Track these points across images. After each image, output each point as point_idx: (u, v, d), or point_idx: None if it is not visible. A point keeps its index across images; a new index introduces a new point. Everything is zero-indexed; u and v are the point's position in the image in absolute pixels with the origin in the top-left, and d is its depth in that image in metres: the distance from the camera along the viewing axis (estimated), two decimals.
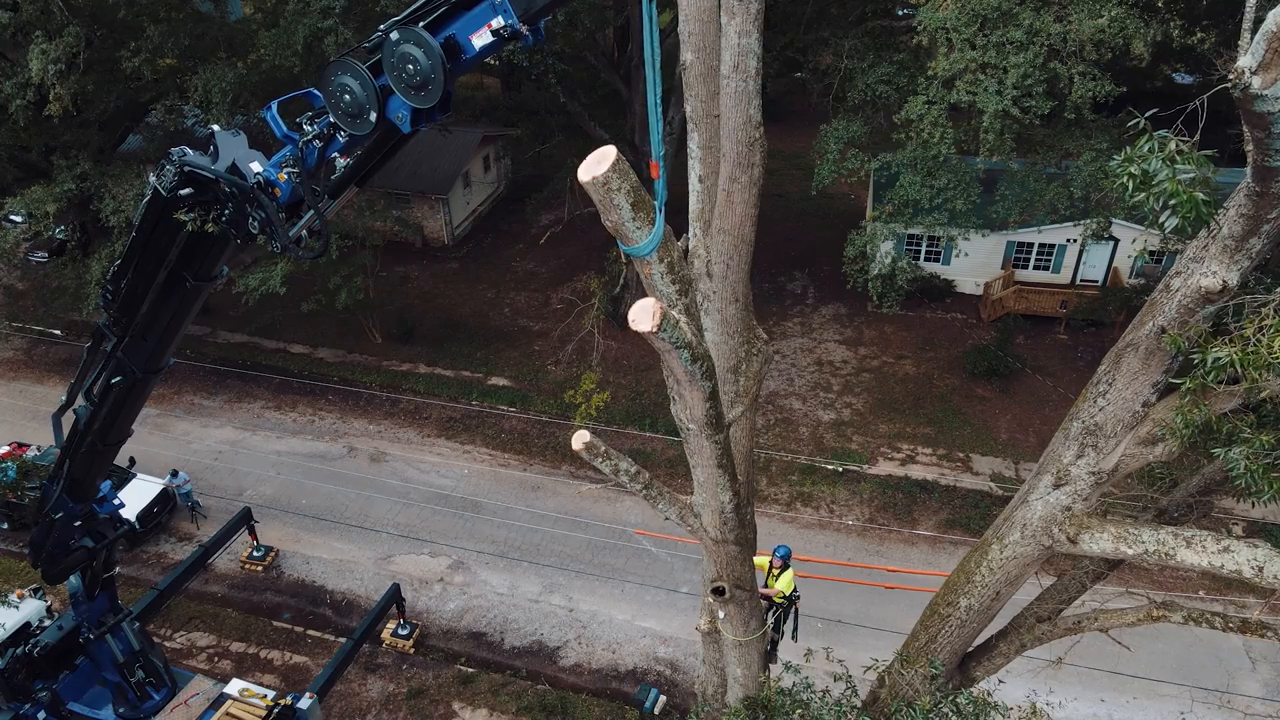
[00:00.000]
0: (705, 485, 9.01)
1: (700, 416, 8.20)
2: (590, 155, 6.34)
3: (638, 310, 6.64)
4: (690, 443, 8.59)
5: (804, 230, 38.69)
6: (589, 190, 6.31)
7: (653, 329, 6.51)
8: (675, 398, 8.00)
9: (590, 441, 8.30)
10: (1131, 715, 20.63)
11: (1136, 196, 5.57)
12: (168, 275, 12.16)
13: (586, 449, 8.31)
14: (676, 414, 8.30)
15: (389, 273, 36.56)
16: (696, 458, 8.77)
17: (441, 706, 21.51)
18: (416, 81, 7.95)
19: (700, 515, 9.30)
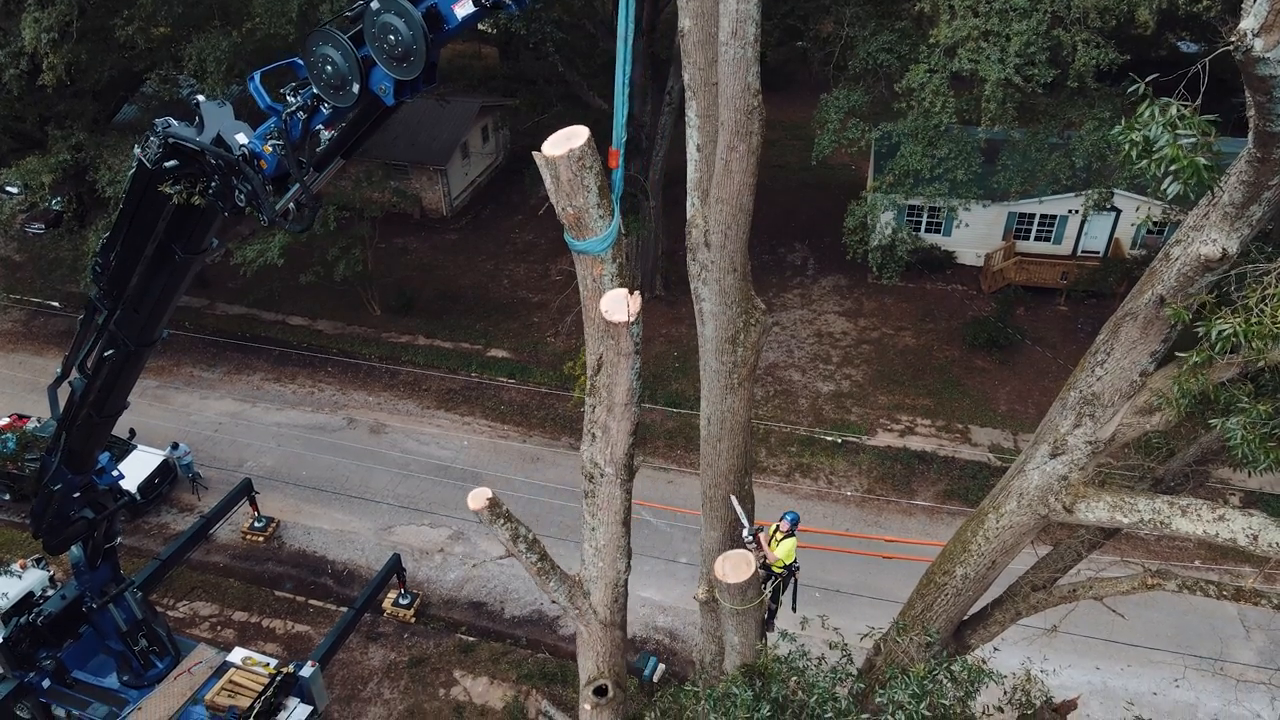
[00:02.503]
0: (605, 550, 8.53)
1: (621, 457, 7.79)
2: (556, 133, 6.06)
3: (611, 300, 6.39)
4: (598, 494, 8.06)
5: (804, 201, 38.48)
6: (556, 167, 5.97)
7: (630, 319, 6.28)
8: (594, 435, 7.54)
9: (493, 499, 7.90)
10: (1126, 683, 20.83)
11: (1138, 164, 5.51)
12: (156, 248, 12.07)
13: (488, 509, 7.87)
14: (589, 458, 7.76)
15: (387, 244, 36.42)
16: (602, 514, 8.26)
17: (443, 675, 21.73)
18: (398, 52, 7.75)
19: (590, 593, 8.79)
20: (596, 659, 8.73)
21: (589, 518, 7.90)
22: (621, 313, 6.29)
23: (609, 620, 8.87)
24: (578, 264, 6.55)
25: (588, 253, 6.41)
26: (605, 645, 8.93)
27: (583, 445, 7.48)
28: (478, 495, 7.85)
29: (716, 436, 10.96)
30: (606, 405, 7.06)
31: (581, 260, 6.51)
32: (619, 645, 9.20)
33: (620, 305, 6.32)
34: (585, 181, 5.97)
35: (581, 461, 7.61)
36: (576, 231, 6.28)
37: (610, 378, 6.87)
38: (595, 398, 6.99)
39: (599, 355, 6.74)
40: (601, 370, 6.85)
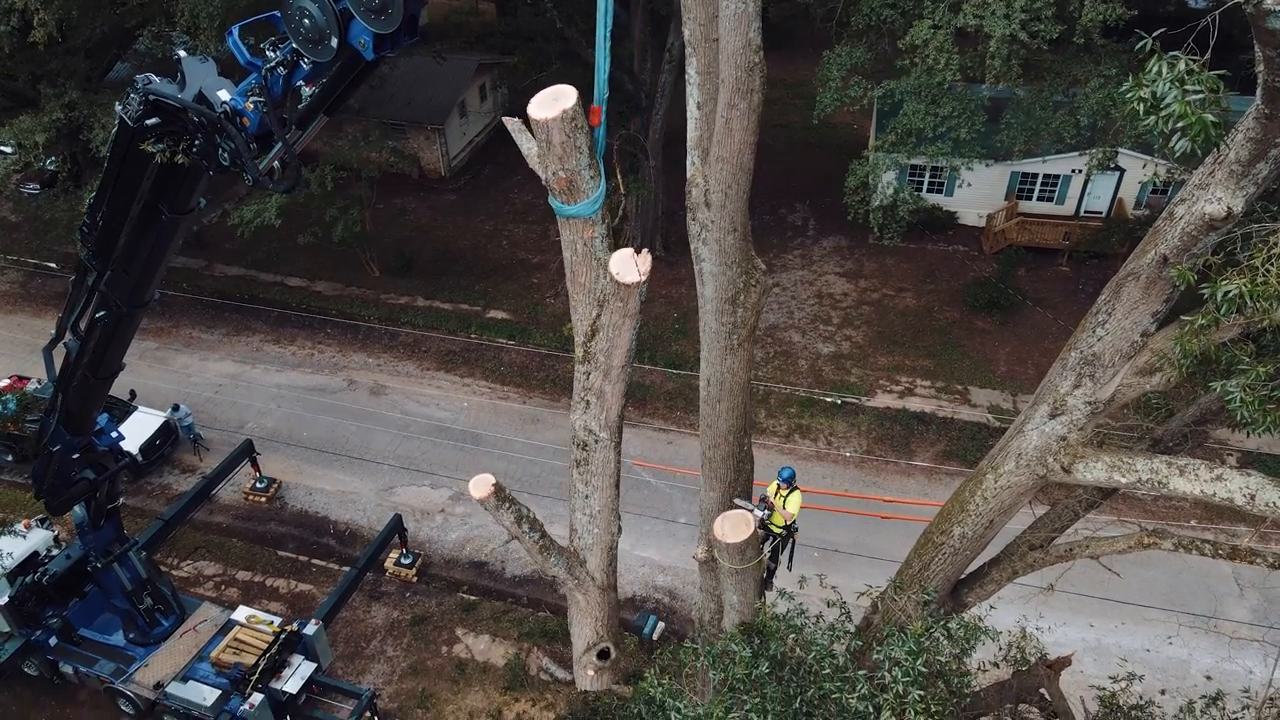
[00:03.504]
0: (599, 515, 8.43)
1: (614, 420, 7.65)
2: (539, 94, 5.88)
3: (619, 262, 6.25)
4: (592, 461, 7.93)
5: (805, 161, 38.14)
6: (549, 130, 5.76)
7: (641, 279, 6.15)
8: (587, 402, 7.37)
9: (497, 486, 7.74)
10: (1120, 640, 21.09)
11: (1146, 120, 5.43)
12: (143, 208, 11.92)
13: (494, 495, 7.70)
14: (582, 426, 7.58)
15: (386, 205, 36.19)
16: (596, 480, 8.12)
17: (445, 633, 21.99)
18: (375, 4, 7.50)
19: (586, 560, 8.73)
20: (595, 624, 8.77)
21: (581, 485, 7.84)
22: (632, 273, 6.17)
23: (605, 584, 8.92)
24: (564, 229, 6.38)
25: (578, 216, 6.26)
26: (603, 609, 8.98)
27: (574, 413, 7.39)
28: (481, 483, 7.74)
29: (716, 397, 10.96)
30: (603, 370, 6.96)
31: (570, 225, 6.35)
32: (614, 607, 9.26)
33: (629, 266, 6.19)
34: (578, 143, 5.82)
35: (573, 430, 7.54)
36: (567, 196, 6.12)
37: (610, 341, 6.77)
38: (590, 364, 6.89)
39: (592, 321, 6.63)
40: (597, 335, 6.75)
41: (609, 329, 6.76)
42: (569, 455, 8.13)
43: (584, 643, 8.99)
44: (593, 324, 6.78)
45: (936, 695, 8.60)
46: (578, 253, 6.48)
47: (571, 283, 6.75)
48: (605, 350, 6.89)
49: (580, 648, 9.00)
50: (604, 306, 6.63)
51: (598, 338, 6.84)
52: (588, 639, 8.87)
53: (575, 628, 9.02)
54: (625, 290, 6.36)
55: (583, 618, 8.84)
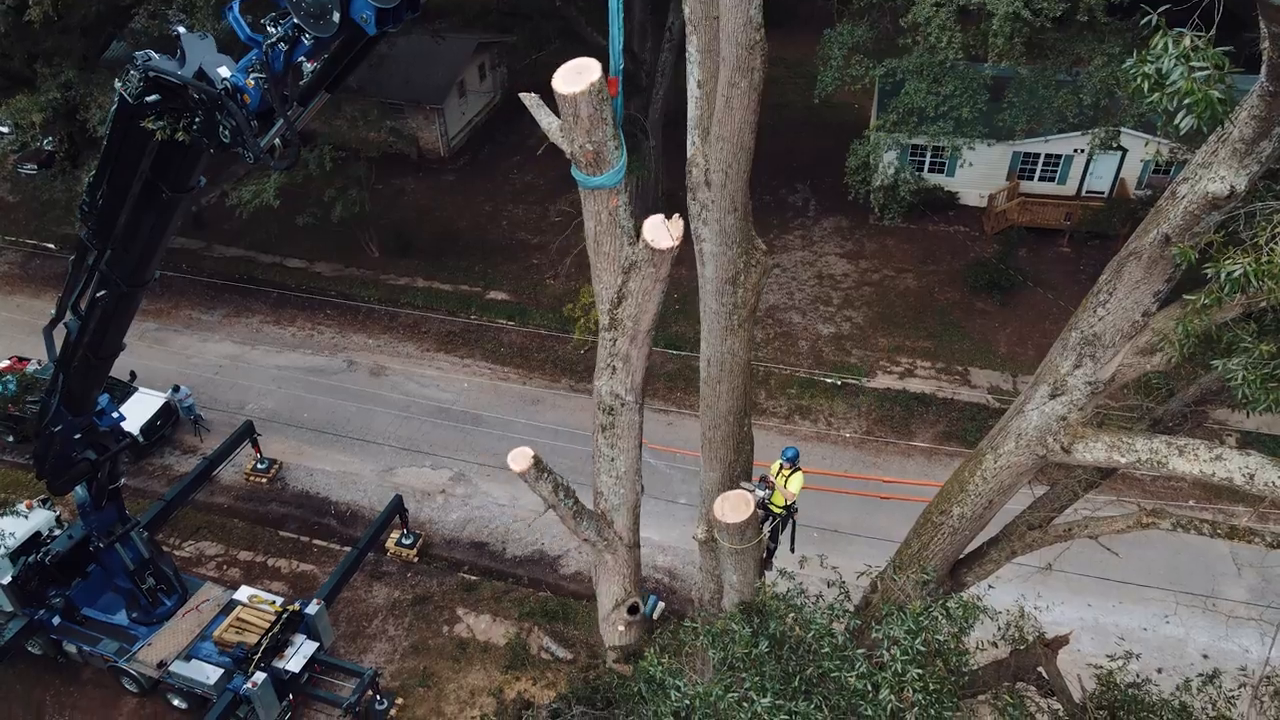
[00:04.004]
0: (625, 476, 8.53)
1: (639, 383, 7.72)
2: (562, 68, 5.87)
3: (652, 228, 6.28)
4: (618, 424, 7.99)
5: (806, 141, 37.93)
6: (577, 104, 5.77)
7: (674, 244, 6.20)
8: (614, 368, 7.42)
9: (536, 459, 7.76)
10: (1117, 619, 21.20)
11: (1150, 97, 5.38)
12: (143, 186, 11.87)
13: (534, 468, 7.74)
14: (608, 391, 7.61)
15: (385, 185, 36.04)
16: (622, 442, 8.19)
17: (446, 612, 22.11)
18: None
19: (614, 521, 8.84)
20: (623, 581, 8.91)
21: (607, 449, 7.89)
22: (666, 239, 6.24)
23: (631, 542, 9.04)
24: (587, 201, 6.39)
25: (603, 187, 6.29)
26: (630, 566, 9.12)
27: (600, 380, 7.41)
28: (520, 456, 7.75)
29: (716, 378, 10.95)
30: (630, 335, 7.00)
31: (594, 196, 6.37)
32: (639, 565, 9.39)
33: (663, 231, 6.26)
34: (604, 114, 5.84)
35: (598, 396, 7.55)
36: (593, 168, 6.12)
37: (639, 307, 6.81)
38: (616, 330, 6.91)
39: (619, 288, 6.65)
40: (625, 302, 6.76)
41: (638, 295, 6.79)
42: (571, 435, 8.16)
43: (612, 601, 9.10)
44: (619, 291, 6.81)
45: (935, 674, 8.64)
46: (602, 222, 6.51)
47: (595, 252, 6.77)
48: (633, 316, 6.94)
49: (609, 606, 9.11)
50: (632, 273, 6.65)
51: (625, 304, 6.87)
52: (616, 596, 9.00)
53: (603, 587, 9.13)
54: (659, 256, 6.43)
55: (610, 576, 8.96)
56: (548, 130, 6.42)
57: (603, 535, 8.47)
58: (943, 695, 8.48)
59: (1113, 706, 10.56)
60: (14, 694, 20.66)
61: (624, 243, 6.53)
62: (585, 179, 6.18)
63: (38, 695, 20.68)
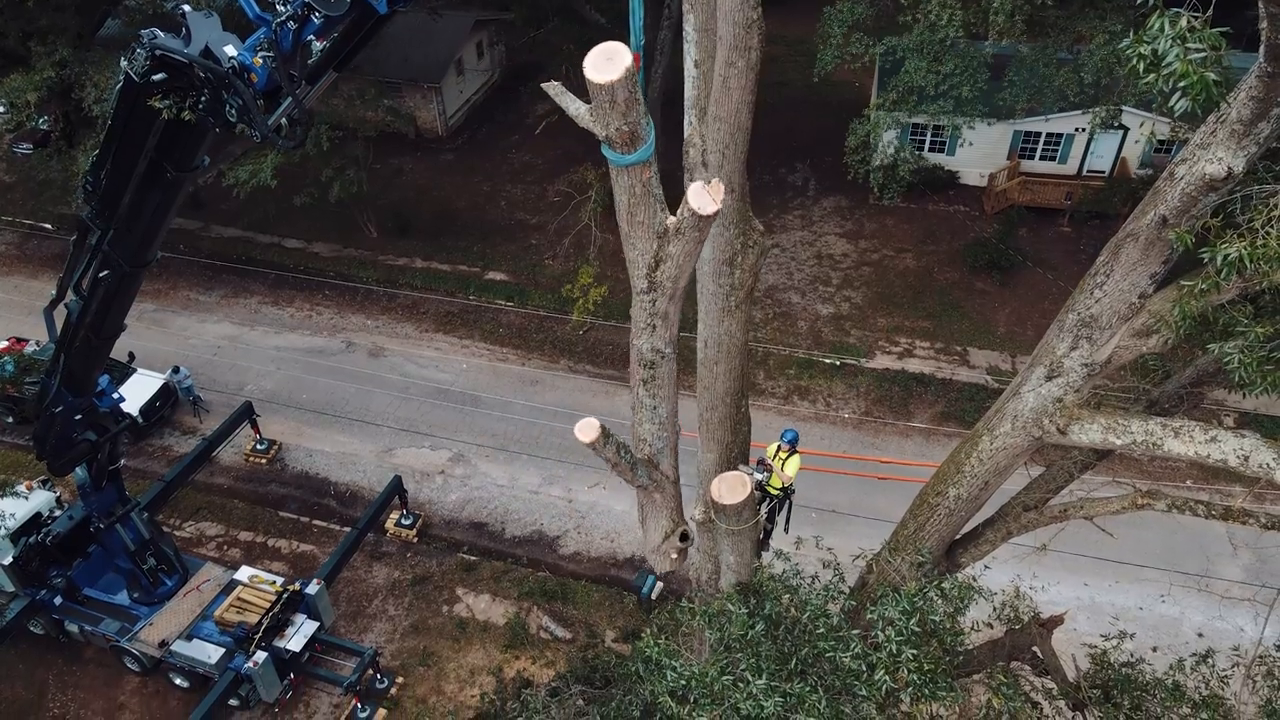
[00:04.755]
0: (668, 420, 8.90)
1: (675, 334, 8.01)
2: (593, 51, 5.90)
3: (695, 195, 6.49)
4: (659, 375, 8.28)
5: (805, 120, 37.74)
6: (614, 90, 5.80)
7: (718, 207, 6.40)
8: (654, 326, 7.67)
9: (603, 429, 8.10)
10: (1112, 598, 21.32)
11: (1146, 78, 5.34)
12: (147, 165, 11.84)
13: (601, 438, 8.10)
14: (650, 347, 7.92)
15: (382, 165, 35.86)
16: (662, 391, 8.52)
17: (446, 592, 22.22)
18: None
19: (659, 463, 9.23)
20: (670, 513, 9.48)
21: (649, 400, 8.35)
22: (709, 204, 6.46)
23: (675, 478, 9.53)
24: (619, 177, 6.55)
25: (639, 162, 6.44)
26: (675, 500, 9.62)
27: (640, 340, 7.78)
28: (588, 427, 7.99)
29: (714, 359, 10.96)
30: (669, 294, 7.34)
31: (628, 171, 6.53)
32: (681, 497, 9.89)
33: (705, 197, 6.47)
34: (638, 95, 5.93)
35: (639, 354, 7.96)
36: (629, 146, 6.26)
37: (679, 268, 7.18)
38: (656, 291, 7.27)
39: (655, 253, 7.00)
40: (663, 265, 7.10)
41: (679, 257, 7.13)
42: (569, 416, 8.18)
43: (662, 533, 9.66)
44: (656, 255, 7.12)
45: (929, 654, 8.70)
46: (635, 194, 6.74)
47: (629, 222, 6.99)
48: (673, 277, 7.27)
49: (658, 539, 9.69)
50: (674, 239, 6.91)
51: (664, 267, 7.20)
52: (665, 529, 9.59)
53: (650, 523, 9.75)
54: (704, 221, 6.66)
55: (659, 512, 9.53)
56: (576, 117, 6.48)
57: (652, 478, 8.97)
58: (937, 675, 8.54)
59: (1106, 685, 10.63)
60: (17, 673, 20.80)
61: (656, 210, 6.76)
62: (620, 158, 6.31)
63: (40, 675, 20.83)
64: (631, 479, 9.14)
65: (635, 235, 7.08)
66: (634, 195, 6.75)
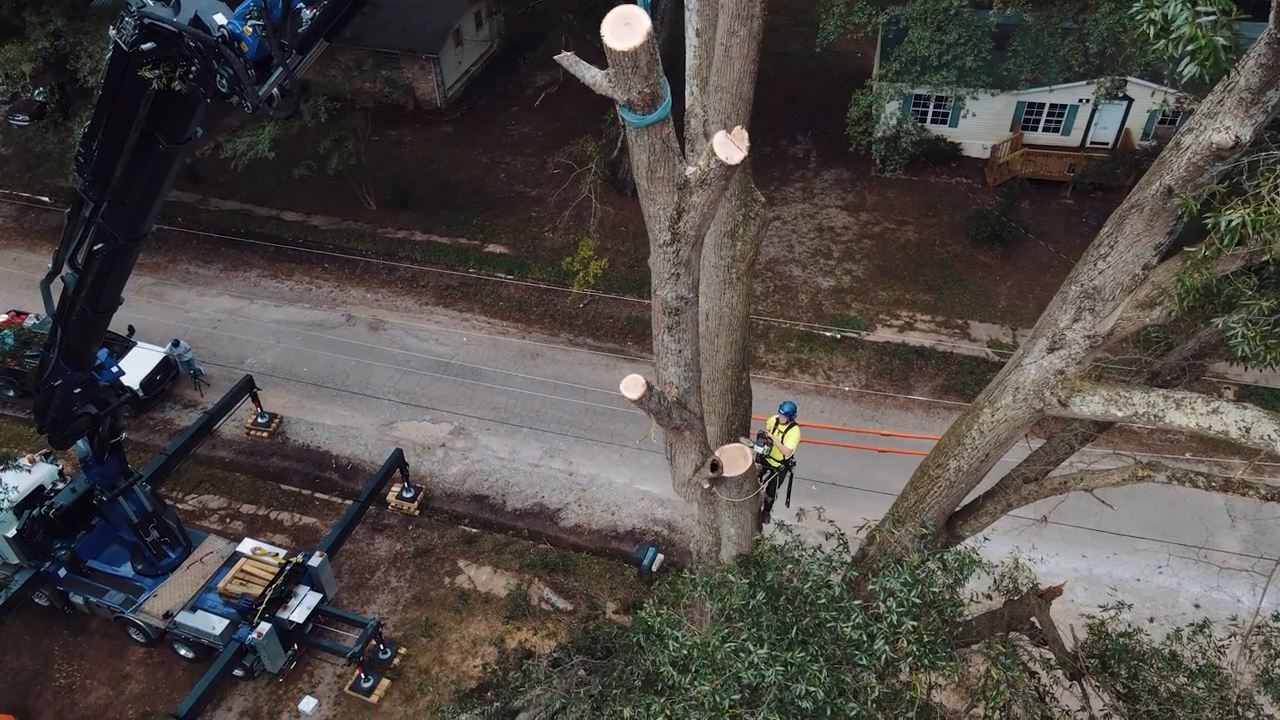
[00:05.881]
0: (692, 361, 9.00)
1: (697, 280, 8.09)
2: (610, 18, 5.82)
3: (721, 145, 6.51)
4: (683, 320, 8.36)
5: (808, 91, 37.41)
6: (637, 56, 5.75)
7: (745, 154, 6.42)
8: (678, 275, 7.74)
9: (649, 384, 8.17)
10: (1111, 570, 21.45)
11: (1155, 44, 5.26)
12: (139, 137, 11.73)
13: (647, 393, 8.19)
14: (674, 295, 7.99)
15: (381, 137, 35.61)
16: (687, 334, 8.62)
17: (447, 564, 22.36)
18: None
19: (686, 403, 9.34)
20: (699, 447, 9.61)
21: (674, 344, 8.50)
22: (736, 153, 6.49)
23: (701, 414, 9.67)
24: (638, 137, 6.55)
25: (658, 121, 6.43)
26: (702, 435, 9.77)
27: (664, 289, 7.88)
28: (634, 384, 8.07)
29: (714, 332, 10.94)
30: (691, 242, 7.42)
31: (648, 131, 6.54)
32: (706, 431, 9.95)
33: (730, 147, 6.50)
34: (657, 56, 5.89)
35: (663, 303, 8.04)
36: (649, 107, 6.27)
37: (703, 216, 7.29)
38: (680, 242, 7.35)
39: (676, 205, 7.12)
40: (685, 216, 7.20)
41: (702, 207, 7.24)
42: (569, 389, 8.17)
43: (692, 466, 9.82)
44: (678, 207, 7.21)
45: (929, 625, 8.75)
46: (656, 152, 6.78)
47: (649, 179, 7.05)
48: (696, 225, 7.40)
49: (688, 472, 9.88)
50: (697, 188, 6.99)
51: (686, 217, 7.30)
52: (695, 462, 9.72)
53: (679, 459, 9.97)
54: (730, 170, 6.71)
55: (688, 448, 9.74)
56: (594, 84, 6.44)
57: (683, 418, 9.11)
58: (937, 646, 8.59)
59: (1104, 655, 10.71)
60: (23, 644, 20.99)
61: (675, 164, 6.79)
62: (640, 119, 6.30)
63: (46, 645, 21.02)
64: (668, 424, 9.28)
65: (656, 191, 7.13)
66: (654, 153, 6.79)
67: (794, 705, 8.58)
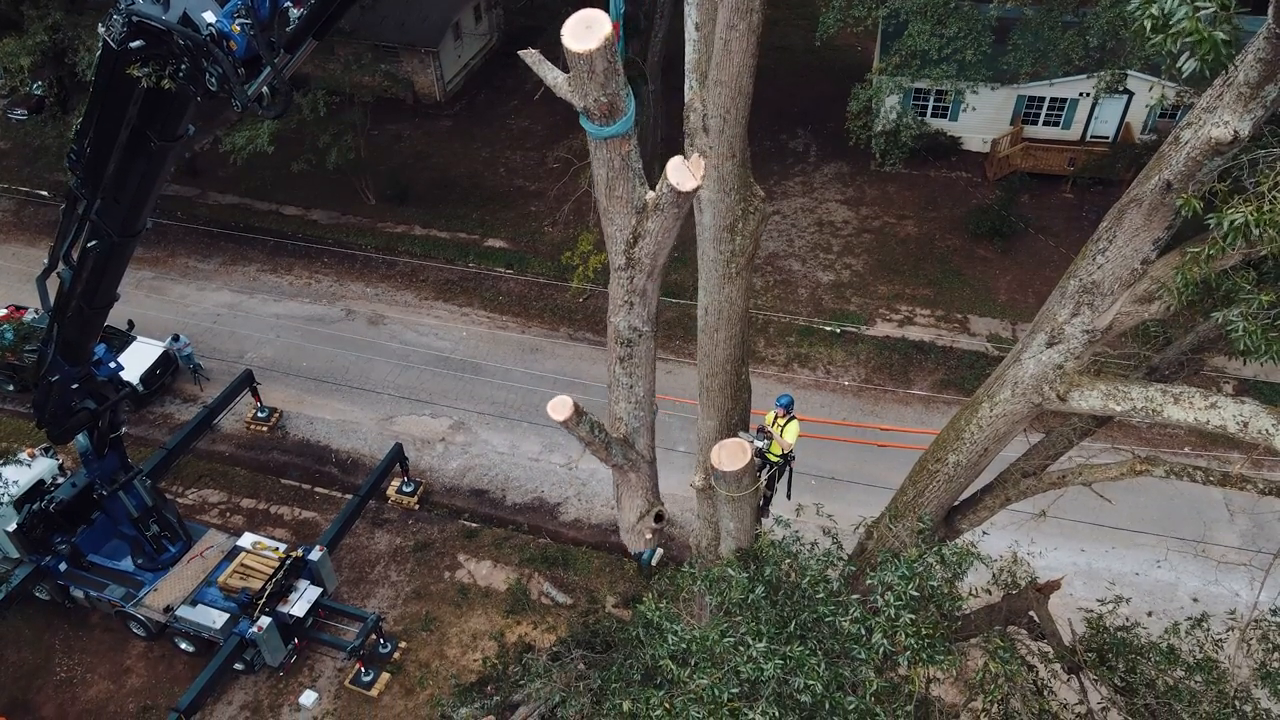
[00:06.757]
0: (644, 399, 8.84)
1: (654, 313, 7.90)
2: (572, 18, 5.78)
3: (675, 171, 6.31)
4: (636, 354, 8.21)
5: (807, 85, 37.35)
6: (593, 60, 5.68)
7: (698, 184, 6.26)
8: (631, 303, 7.56)
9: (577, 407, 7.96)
10: (1109, 564, 21.48)
11: (1154, 38, 5.26)
12: (130, 134, 11.67)
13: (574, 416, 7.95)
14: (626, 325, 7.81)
15: (380, 131, 35.55)
16: (640, 370, 8.46)
17: (447, 559, 22.39)
18: None
19: (635, 443, 9.15)
20: (646, 494, 9.45)
21: (626, 378, 8.24)
22: (690, 180, 6.30)
23: (651, 458, 9.50)
24: (597, 150, 6.37)
25: (617, 135, 6.27)
26: (651, 480, 9.60)
27: (617, 317, 7.63)
28: (561, 405, 7.91)
29: (714, 326, 10.93)
30: (647, 271, 7.20)
31: (606, 144, 6.36)
32: (657, 477, 9.90)
33: (685, 173, 6.31)
34: (617, 65, 5.76)
35: (615, 332, 7.81)
36: (607, 119, 6.09)
37: (657, 244, 7.02)
38: (634, 268, 7.11)
39: (634, 229, 6.83)
40: (641, 241, 6.95)
41: (657, 234, 6.95)
42: (569, 384, 8.19)
43: (637, 513, 9.64)
44: (634, 231, 6.95)
45: (927, 619, 8.77)
46: (614, 168, 6.55)
47: (607, 196, 6.84)
48: (651, 253, 7.13)
49: (633, 518, 9.67)
50: (652, 214, 6.76)
51: (642, 243, 7.04)
52: (640, 509, 9.56)
53: (626, 502, 9.68)
54: (683, 197, 6.51)
55: (634, 492, 9.47)
56: (554, 86, 6.33)
57: (628, 457, 8.92)
58: (935, 640, 8.61)
59: (1102, 649, 10.74)
60: (24, 638, 21.02)
61: (635, 185, 6.60)
62: (598, 130, 6.14)
63: (47, 640, 21.06)
64: (606, 458, 9.08)
65: (614, 210, 6.94)
66: (612, 169, 6.60)
67: (792, 699, 8.60)
